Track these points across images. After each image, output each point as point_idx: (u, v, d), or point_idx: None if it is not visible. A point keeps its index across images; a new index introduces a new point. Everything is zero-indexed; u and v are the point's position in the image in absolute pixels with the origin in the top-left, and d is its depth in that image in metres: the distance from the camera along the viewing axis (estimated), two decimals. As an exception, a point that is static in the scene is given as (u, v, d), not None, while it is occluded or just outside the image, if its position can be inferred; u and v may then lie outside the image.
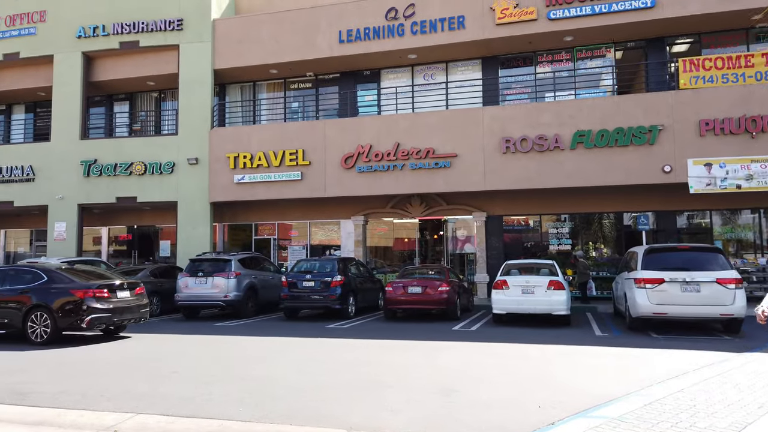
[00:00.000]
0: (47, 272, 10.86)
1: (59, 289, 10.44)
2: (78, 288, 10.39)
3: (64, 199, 20.06)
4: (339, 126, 18.00)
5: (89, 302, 10.24)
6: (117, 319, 10.74)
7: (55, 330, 10.29)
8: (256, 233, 20.33)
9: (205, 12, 19.57)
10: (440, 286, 13.10)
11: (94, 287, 10.44)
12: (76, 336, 11.30)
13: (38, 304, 10.35)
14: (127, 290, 11.11)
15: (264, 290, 15.07)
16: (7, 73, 21.88)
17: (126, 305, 10.90)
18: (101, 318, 10.39)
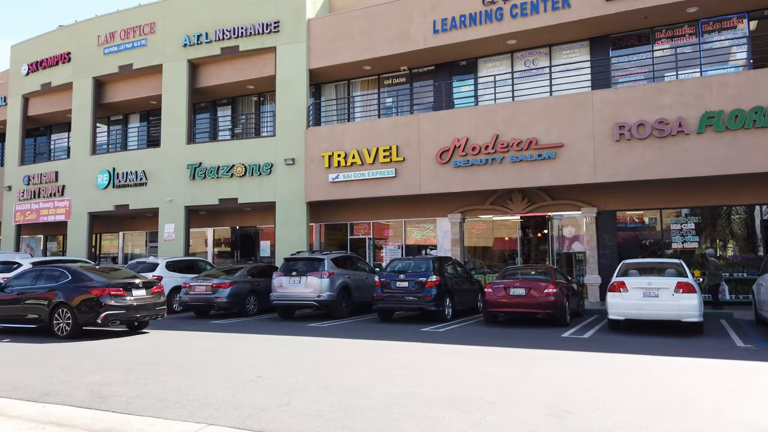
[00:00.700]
0: (72, 272, 11.66)
1: (80, 287, 11.24)
2: (95, 287, 11.17)
3: (172, 201, 20.95)
4: (434, 119, 17.21)
5: (105, 300, 11.01)
6: (132, 316, 11.41)
7: (76, 325, 11.08)
8: (352, 233, 20.04)
9: (300, 13, 19.60)
10: (546, 287, 11.90)
11: (110, 286, 11.20)
12: (108, 331, 11.92)
13: (62, 301, 11.20)
14: (143, 289, 11.75)
15: (358, 290, 14.63)
16: (123, 85, 23.32)
17: (141, 303, 11.53)
18: (116, 315, 11.10)
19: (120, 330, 12.31)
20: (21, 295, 11.79)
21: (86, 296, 11.06)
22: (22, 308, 11.69)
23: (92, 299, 11.02)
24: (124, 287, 11.41)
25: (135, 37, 22.30)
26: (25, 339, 11.22)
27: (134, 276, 12.34)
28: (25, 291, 11.83)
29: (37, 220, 24.27)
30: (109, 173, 22.29)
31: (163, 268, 16.17)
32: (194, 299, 14.70)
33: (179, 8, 21.54)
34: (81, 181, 23.02)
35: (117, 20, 22.82)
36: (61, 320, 11.20)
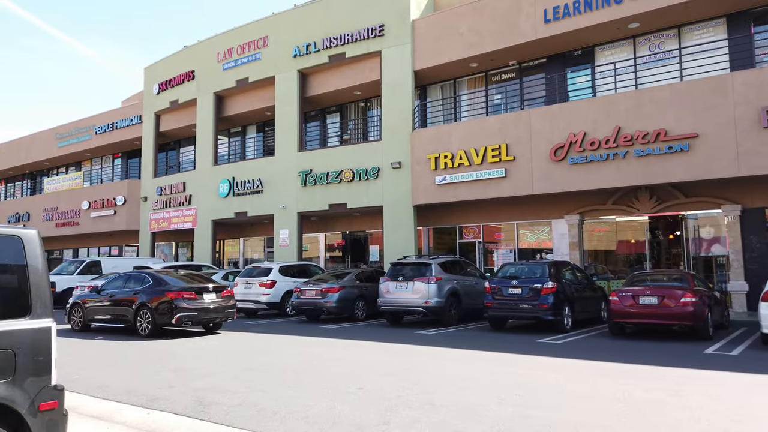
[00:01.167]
0: (153, 277, 12.95)
1: (158, 291, 12.39)
2: (171, 290, 12.24)
3: (286, 208, 21.60)
4: (546, 114, 16.14)
5: (178, 302, 12.06)
6: (203, 318, 12.41)
7: (155, 326, 12.16)
8: (461, 236, 19.40)
9: (404, 14, 19.37)
10: (684, 296, 10.51)
11: (184, 290, 12.26)
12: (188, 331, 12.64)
13: (143, 303, 12.38)
14: (214, 293, 12.73)
15: (467, 297, 13.98)
16: (240, 98, 24.52)
17: (211, 306, 12.51)
18: (188, 316, 12.15)
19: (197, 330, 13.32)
20: (112, 297, 13.18)
21: (163, 299, 12.14)
22: (113, 309, 13.11)
23: (168, 302, 12.08)
24: (197, 291, 12.41)
25: (250, 52, 23.35)
26: (114, 337, 12.51)
27: (208, 281, 13.42)
28: (116, 294, 13.20)
29: (168, 228, 26.20)
30: (230, 182, 23.49)
31: (276, 272, 16.59)
32: (305, 303, 14.89)
33: (290, 20, 22.22)
34: (205, 191, 24.50)
35: (234, 37, 24.05)
36: (143, 321, 12.33)
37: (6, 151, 36.81)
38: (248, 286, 16.49)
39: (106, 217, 29.26)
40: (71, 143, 32.27)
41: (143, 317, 12.33)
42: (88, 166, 33.85)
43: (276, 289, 16.23)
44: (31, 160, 34.94)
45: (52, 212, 32.18)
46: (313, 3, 22.11)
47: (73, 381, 7.39)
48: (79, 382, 7.41)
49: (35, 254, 3.38)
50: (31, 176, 37.57)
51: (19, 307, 3.32)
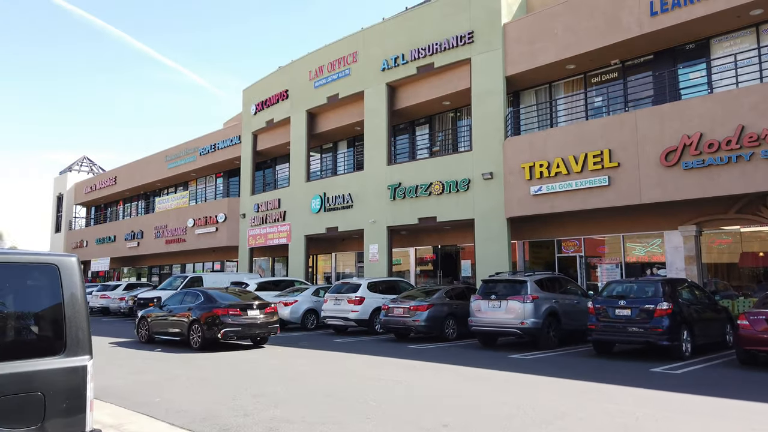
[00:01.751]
0: (204, 294, 13.93)
1: (208, 307, 13.31)
2: (217, 307, 13.20)
3: (375, 222, 21.37)
4: (655, 115, 14.64)
5: (224, 318, 13.04)
6: (246, 333, 13.38)
7: (204, 339, 13.08)
8: (560, 250, 18.09)
9: (495, 19, 18.58)
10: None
11: (230, 307, 13.22)
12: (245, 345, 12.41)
13: (195, 318, 13.35)
14: (257, 309, 13.61)
15: (568, 317, 12.82)
16: (331, 114, 24.76)
17: (255, 322, 13.45)
18: (233, 331, 13.09)
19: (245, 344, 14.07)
20: (171, 312, 14.28)
21: (211, 314, 13.11)
22: (170, 323, 14.24)
23: (215, 317, 13.06)
24: (242, 308, 13.37)
25: (340, 68, 23.52)
26: (170, 349, 13.50)
27: (255, 298, 14.34)
28: (174, 309, 14.27)
29: (265, 244, 26.92)
30: (321, 198, 23.70)
31: (364, 288, 16.29)
32: (392, 321, 14.41)
33: (378, 34, 22.14)
34: (298, 207, 24.91)
35: (324, 54, 24.37)
36: (195, 334, 13.33)
37: (124, 174, 39.89)
38: (337, 303, 16.31)
39: (209, 234, 30.67)
40: (179, 164, 34.30)
41: (195, 331, 13.33)
42: (194, 185, 35.81)
43: (364, 305, 15.91)
44: (144, 181, 37.59)
45: (162, 230, 34.29)
46: (401, 15, 21.92)
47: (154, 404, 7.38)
48: (159, 405, 7.38)
49: (73, 284, 3.12)
50: (145, 196, 40.42)
51: (52, 344, 3.04)
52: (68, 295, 3.10)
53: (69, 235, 45.79)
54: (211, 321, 13.03)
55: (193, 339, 13.32)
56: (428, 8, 20.86)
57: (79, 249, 43.96)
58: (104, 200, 44.15)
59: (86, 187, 44.43)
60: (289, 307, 17.58)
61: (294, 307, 17.63)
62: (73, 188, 46.26)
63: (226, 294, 14.14)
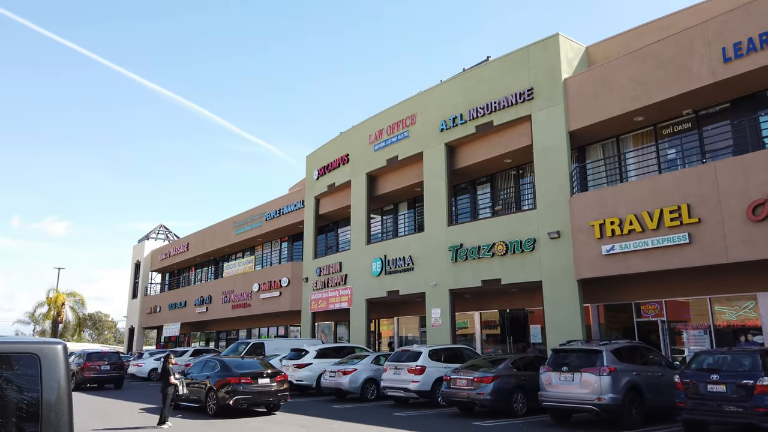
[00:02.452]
0: (221, 362, 15.02)
1: (223, 375, 14.26)
2: (231, 375, 14.08)
3: (437, 285, 20.63)
4: (737, 166, 13.44)
5: (236, 386, 13.85)
6: (257, 400, 14.09)
7: (218, 406, 13.98)
8: (638, 314, 16.61)
9: (555, 74, 18.15)
10: None
11: (242, 375, 14.09)
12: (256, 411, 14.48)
13: (211, 386, 14.23)
14: (268, 378, 14.41)
15: (651, 392, 11.43)
16: (390, 176, 24.71)
17: (265, 390, 14.22)
18: (244, 398, 13.84)
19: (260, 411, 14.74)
20: (193, 380, 15.18)
21: (225, 382, 13.98)
22: (192, 391, 15.04)
23: (228, 385, 13.90)
24: (252, 376, 14.19)
25: (399, 131, 23.62)
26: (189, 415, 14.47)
27: (267, 366, 15.25)
28: (195, 377, 15.25)
29: (326, 308, 26.61)
30: (381, 260, 23.30)
31: (426, 357, 15.43)
32: (454, 394, 13.41)
33: (436, 96, 22.17)
34: (359, 270, 24.59)
35: (383, 118, 24.62)
36: (211, 401, 14.21)
37: (195, 241, 41.34)
38: (397, 372, 15.49)
39: (273, 299, 30.79)
40: (246, 230, 35.16)
41: (211, 398, 14.24)
42: (260, 250, 36.48)
43: (426, 375, 14.99)
44: (214, 247, 38.71)
45: (229, 295, 34.84)
46: (459, 76, 21.91)
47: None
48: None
49: (54, 376, 2.73)
50: (214, 262, 41.55)
51: (21, 446, 2.62)
52: (48, 389, 2.71)
53: (144, 301, 47.53)
54: (226, 389, 13.90)
55: (209, 405, 14.28)
56: (486, 68, 20.76)
57: (153, 315, 45.44)
58: (177, 266, 45.76)
59: (161, 254, 46.33)
60: (348, 376, 16.89)
61: (353, 376, 16.92)
62: (150, 255, 48.38)
63: (242, 362, 15.20)
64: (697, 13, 16.64)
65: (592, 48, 19.31)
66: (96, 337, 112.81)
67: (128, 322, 50.96)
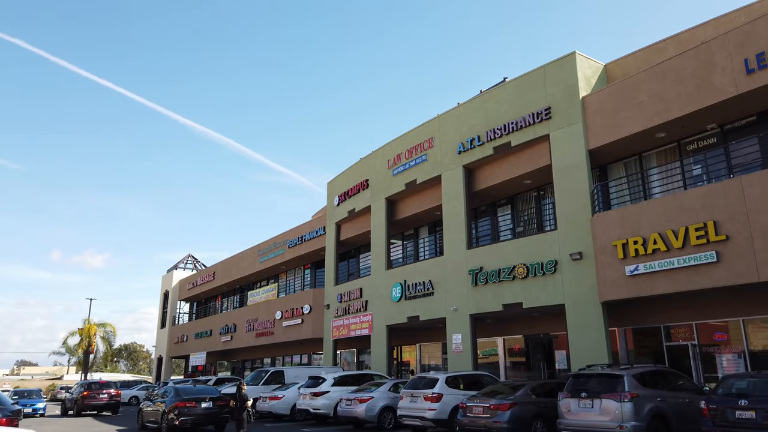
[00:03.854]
0: (174, 389, 17.87)
1: (173, 400, 16.95)
2: (180, 400, 16.81)
3: (457, 310, 20.12)
4: (765, 180, 12.80)
5: (182, 409, 16.56)
6: (199, 421, 16.81)
7: (168, 425, 16.66)
8: (668, 338, 15.80)
9: (572, 93, 17.81)
10: None
11: (186, 400, 16.74)
12: None
13: (164, 410, 16.98)
14: (210, 402, 17.04)
15: (680, 420, 10.71)
16: (409, 200, 24.49)
17: (207, 413, 16.92)
18: (187, 420, 16.55)
19: None
20: (154, 405, 18.14)
21: (174, 406, 16.65)
22: (152, 413, 18.19)
23: (176, 408, 16.58)
24: (196, 401, 16.81)
25: (417, 155, 23.46)
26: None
27: (210, 392, 17.92)
28: (157, 402, 18.03)
29: (347, 335, 26.22)
30: (401, 286, 22.92)
31: (443, 384, 14.90)
32: (470, 422, 12.79)
33: (453, 118, 22.00)
34: (380, 296, 24.23)
35: (401, 143, 24.54)
36: (164, 422, 16.84)
37: (221, 270, 41.63)
38: (413, 400, 14.96)
39: (295, 326, 30.57)
40: (270, 258, 35.25)
41: (164, 420, 16.83)
42: (284, 278, 36.45)
43: (442, 403, 14.44)
44: (239, 275, 38.88)
45: (253, 323, 34.77)
46: (476, 98, 21.72)
47: None
48: None
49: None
50: (240, 290, 41.69)
51: None
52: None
53: (172, 331, 47.88)
54: (174, 412, 16.57)
55: (163, 425, 16.96)
56: (502, 89, 20.54)
57: (180, 344, 45.68)
58: (204, 295, 46.08)
59: (189, 283, 46.78)
60: (364, 404, 16.41)
61: (369, 404, 16.43)
62: (178, 285, 48.90)
63: (192, 389, 18.05)
64: (719, 25, 16.21)
65: (612, 65, 18.94)
66: (131, 367, 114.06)
67: (156, 352, 51.33)
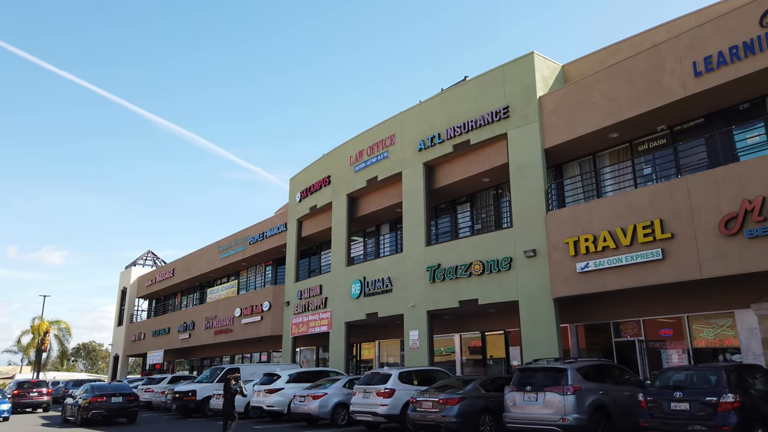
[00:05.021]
0: (90, 387, 20.29)
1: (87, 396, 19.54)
2: (93, 396, 19.32)
3: (415, 307, 20.15)
4: (709, 180, 13.16)
5: (93, 404, 19.08)
6: (109, 414, 19.27)
7: (82, 418, 19.15)
8: (617, 334, 16.12)
9: (530, 92, 18.01)
10: None
11: (98, 396, 19.29)
12: None
13: (80, 404, 19.52)
14: (120, 397, 19.54)
15: (621, 412, 10.93)
16: (371, 197, 24.43)
17: (117, 407, 19.40)
18: (99, 413, 19.01)
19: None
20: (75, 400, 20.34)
21: (87, 401, 19.11)
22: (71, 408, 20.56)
23: (89, 403, 19.05)
24: (107, 396, 19.30)
25: (379, 151, 23.42)
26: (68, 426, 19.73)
27: (123, 389, 20.40)
28: (77, 397, 20.31)
29: (307, 332, 26.01)
30: (361, 282, 22.85)
31: (395, 379, 14.88)
32: (419, 417, 12.81)
33: (415, 116, 22.03)
34: (339, 293, 24.11)
35: (363, 139, 24.46)
36: (79, 415, 19.36)
37: (181, 266, 40.83)
38: (366, 396, 14.91)
39: (254, 323, 30.18)
40: (230, 254, 34.70)
41: (79, 413, 19.33)
42: (245, 275, 35.95)
43: (395, 399, 14.42)
44: (199, 272, 38.16)
45: (212, 320, 34.19)
46: (437, 96, 21.79)
47: None
48: None
49: None
50: (200, 287, 40.96)
51: None
52: None
53: (129, 329, 46.74)
54: (87, 406, 18.95)
55: (78, 418, 19.46)
56: (463, 87, 20.66)
57: (137, 342, 44.65)
58: (163, 292, 45.13)
59: (147, 280, 45.75)
60: (318, 400, 16.26)
61: (323, 400, 16.29)
62: (136, 282, 47.78)
63: (105, 386, 20.89)
64: (671, 29, 16.58)
65: (569, 66, 19.23)
66: (90, 366, 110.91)
67: (113, 350, 50.06)
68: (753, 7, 13.21)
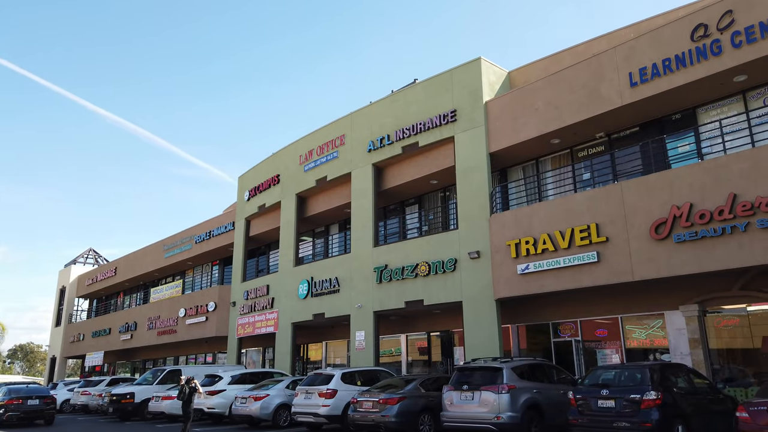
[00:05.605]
0: (9, 389, 20.36)
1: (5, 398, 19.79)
2: (10, 398, 19.64)
3: (362, 307, 20.17)
4: (641, 186, 13.72)
5: (8, 407, 19.41)
6: (26, 416, 19.78)
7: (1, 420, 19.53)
8: (555, 335, 16.59)
9: (477, 97, 18.33)
10: None
11: (13, 398, 19.61)
12: None
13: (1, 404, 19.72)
14: (36, 400, 20.01)
15: (554, 410, 11.24)
16: (320, 197, 24.30)
17: (33, 409, 19.84)
18: (14, 415, 19.44)
19: None
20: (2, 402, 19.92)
21: (3, 404, 19.46)
22: None
23: (4, 405, 19.40)
24: (23, 399, 19.70)
25: (328, 151, 23.33)
26: None
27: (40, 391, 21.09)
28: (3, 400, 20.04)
29: (253, 333, 25.63)
30: (308, 282, 22.70)
31: (338, 380, 14.85)
32: (359, 417, 12.84)
33: (365, 117, 22.05)
34: (286, 293, 23.87)
35: (314, 139, 24.32)
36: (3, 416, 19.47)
37: (123, 265, 39.54)
38: (308, 397, 14.81)
39: (199, 324, 29.53)
40: (175, 253, 33.84)
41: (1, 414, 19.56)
42: (191, 274, 35.13)
43: (337, 399, 14.38)
44: (143, 271, 37.05)
45: (155, 321, 33.25)
46: (388, 97, 21.90)
47: None
48: None
49: None
50: (144, 287, 39.75)
51: None
52: None
53: (68, 329, 44.90)
54: (4, 408, 19.38)
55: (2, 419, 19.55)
56: (413, 89, 20.84)
57: (76, 343, 42.97)
58: (105, 292, 43.60)
59: (88, 279, 44.09)
60: (259, 402, 16.04)
61: (264, 402, 16.08)
62: (76, 280, 45.97)
63: (23, 388, 20.97)
64: (611, 40, 17.19)
65: (515, 72, 19.67)
66: (28, 369, 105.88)
67: (50, 352, 47.98)
68: (686, 22, 13.84)
